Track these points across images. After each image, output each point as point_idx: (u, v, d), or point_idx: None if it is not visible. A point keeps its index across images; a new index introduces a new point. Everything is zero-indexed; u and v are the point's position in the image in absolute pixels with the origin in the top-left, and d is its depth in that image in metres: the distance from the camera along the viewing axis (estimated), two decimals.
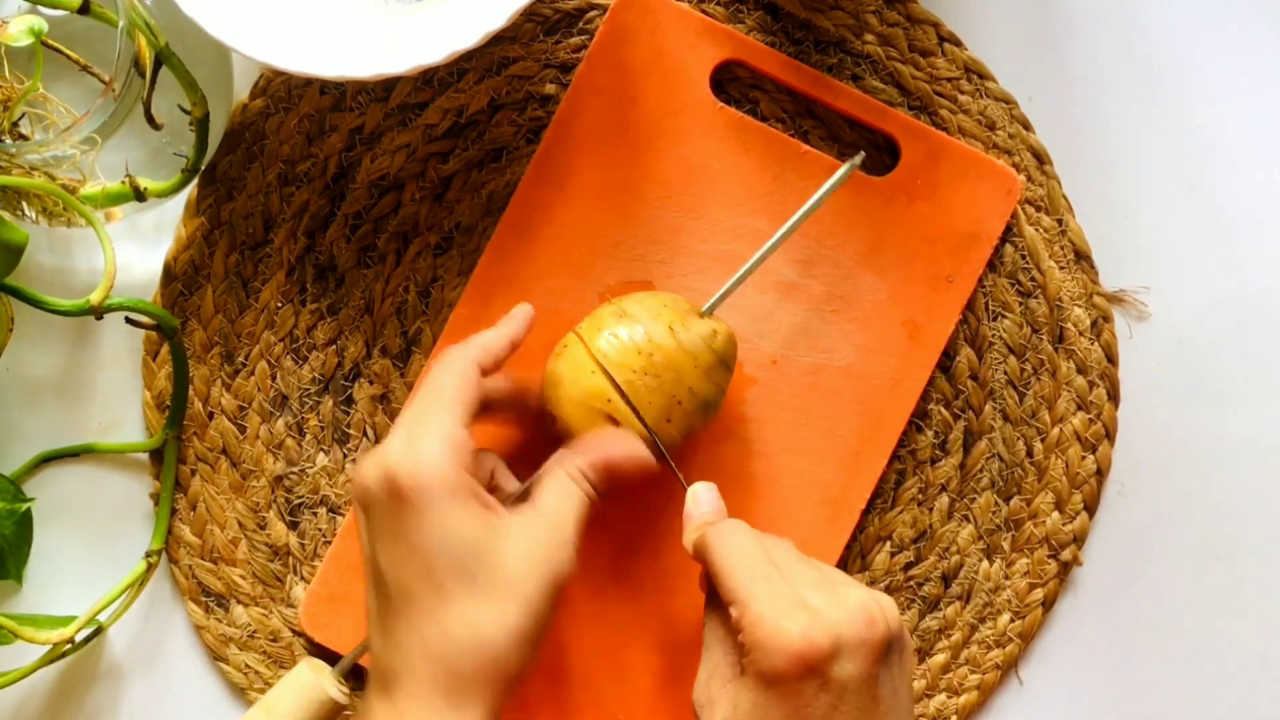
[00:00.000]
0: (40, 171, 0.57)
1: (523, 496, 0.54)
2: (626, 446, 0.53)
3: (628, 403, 0.54)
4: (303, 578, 0.63)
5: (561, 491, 0.52)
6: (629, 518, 0.61)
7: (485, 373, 0.54)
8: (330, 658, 0.62)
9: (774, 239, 0.57)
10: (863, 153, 0.59)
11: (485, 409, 0.56)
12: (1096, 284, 0.63)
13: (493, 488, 0.55)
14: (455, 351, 0.54)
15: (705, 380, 0.55)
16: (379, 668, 0.51)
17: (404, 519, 0.49)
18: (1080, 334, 0.63)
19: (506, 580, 0.49)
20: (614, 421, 0.54)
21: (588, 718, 0.61)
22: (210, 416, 0.63)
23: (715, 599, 0.51)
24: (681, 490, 0.55)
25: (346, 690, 0.57)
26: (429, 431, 0.50)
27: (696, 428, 0.56)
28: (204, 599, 0.63)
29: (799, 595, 0.48)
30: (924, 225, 0.61)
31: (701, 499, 0.54)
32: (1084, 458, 0.63)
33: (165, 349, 0.63)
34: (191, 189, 0.63)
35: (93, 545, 0.63)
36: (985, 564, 0.62)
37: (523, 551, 0.50)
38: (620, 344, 0.55)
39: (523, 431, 0.60)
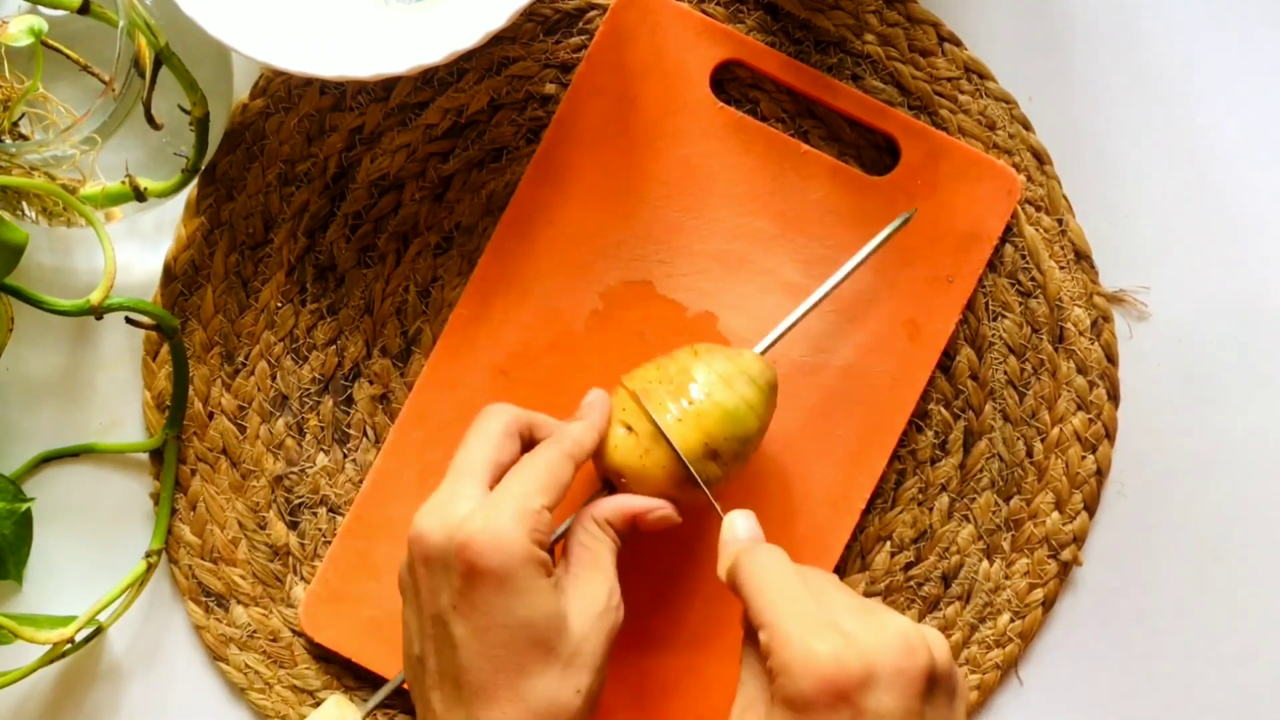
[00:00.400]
0: (40, 171, 0.57)
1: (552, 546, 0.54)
2: (654, 503, 0.54)
3: (669, 443, 0.54)
4: (303, 578, 0.63)
5: (597, 544, 0.53)
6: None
7: (577, 469, 0.54)
8: (331, 657, 0.62)
9: (822, 291, 0.58)
10: (915, 210, 0.59)
11: None
12: (1096, 284, 0.63)
13: None
14: (552, 437, 0.54)
15: (752, 418, 0.55)
16: None
17: (485, 590, 0.49)
18: (1080, 334, 0.63)
19: (576, 647, 0.50)
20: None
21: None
22: (210, 416, 0.63)
23: (752, 633, 0.48)
24: (716, 523, 0.54)
25: None
26: (512, 502, 0.50)
27: (741, 465, 0.56)
28: (204, 599, 0.63)
29: (832, 618, 0.46)
30: (924, 225, 0.61)
31: (739, 527, 0.52)
32: (1084, 458, 0.63)
33: (165, 349, 0.63)
34: (191, 189, 0.63)
35: (93, 545, 0.63)
36: (985, 564, 0.62)
37: (587, 616, 0.51)
38: (669, 391, 0.54)
39: None
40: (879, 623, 0.46)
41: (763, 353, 0.57)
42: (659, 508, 0.54)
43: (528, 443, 0.54)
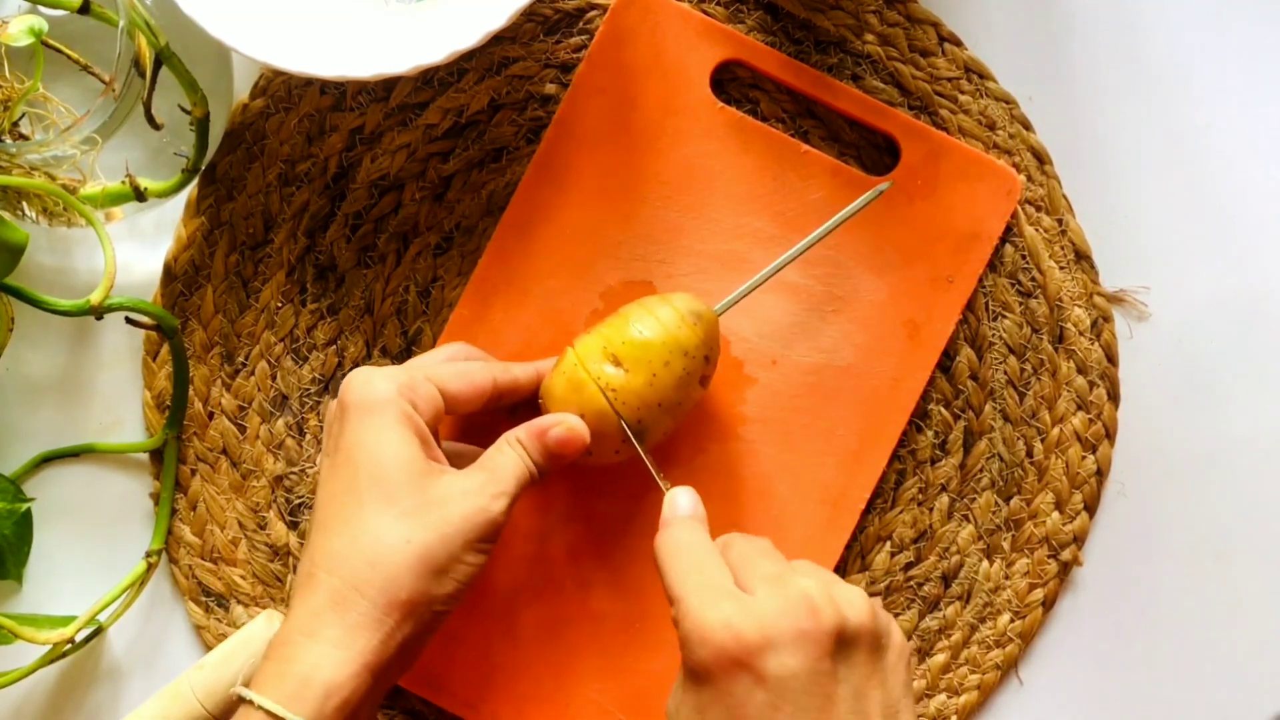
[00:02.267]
0: (40, 171, 0.57)
1: None
2: (561, 418, 0.54)
3: (607, 400, 0.54)
4: None
5: (497, 453, 0.53)
6: (632, 513, 0.61)
7: (498, 386, 0.55)
8: None
9: (786, 256, 0.58)
10: (892, 181, 0.59)
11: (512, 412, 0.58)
12: (1096, 284, 0.63)
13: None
14: (482, 361, 0.56)
15: (705, 389, 0.56)
16: (294, 583, 0.51)
17: (343, 432, 0.52)
18: (1080, 334, 0.63)
19: (425, 506, 0.50)
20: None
21: (587, 717, 0.61)
22: (210, 416, 0.63)
23: None
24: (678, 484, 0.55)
25: None
26: (398, 368, 0.53)
27: (682, 411, 0.56)
28: (204, 599, 0.63)
29: (731, 587, 0.46)
30: (924, 225, 0.61)
31: (679, 503, 0.52)
32: (1084, 458, 0.63)
33: (165, 349, 0.63)
34: (191, 189, 0.63)
35: (93, 545, 0.63)
36: (985, 564, 0.62)
37: (450, 489, 0.51)
38: (616, 367, 0.55)
39: None
40: (785, 586, 0.45)
41: (720, 313, 0.57)
42: (562, 421, 0.53)
43: (508, 389, 0.56)
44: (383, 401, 0.51)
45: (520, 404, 0.57)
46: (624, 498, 0.61)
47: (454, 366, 0.55)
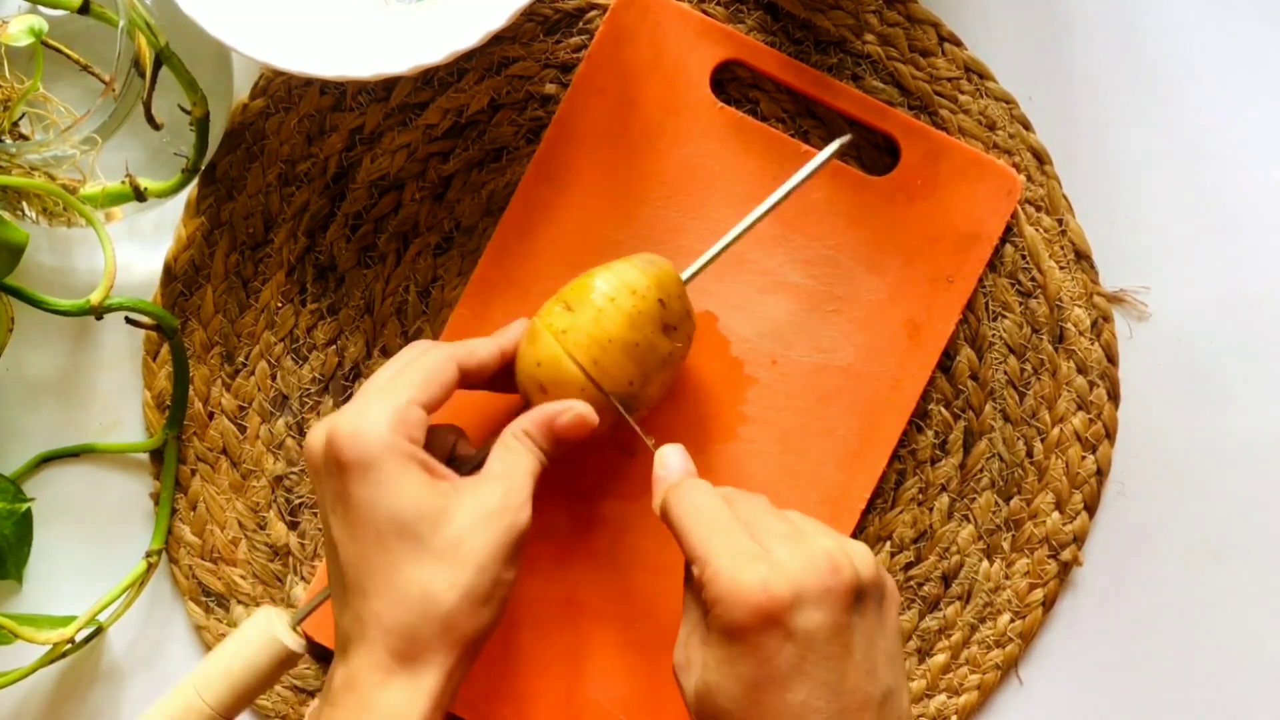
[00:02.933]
0: (40, 171, 0.57)
1: (477, 466, 0.54)
2: (565, 404, 0.53)
3: (599, 388, 0.54)
4: (303, 578, 0.63)
5: (509, 454, 0.53)
6: (632, 513, 0.61)
7: (465, 373, 0.54)
8: (330, 656, 0.62)
9: (754, 214, 0.56)
10: (850, 135, 0.57)
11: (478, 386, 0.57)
12: (1096, 284, 0.63)
13: (454, 458, 0.56)
14: (441, 344, 0.55)
15: (672, 342, 0.55)
16: (339, 636, 0.51)
17: (349, 487, 0.50)
18: (1080, 334, 0.63)
19: (457, 543, 0.50)
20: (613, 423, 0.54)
21: (588, 717, 0.61)
22: (210, 416, 0.63)
23: (689, 569, 0.50)
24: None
25: (303, 639, 0.57)
26: (379, 402, 0.51)
27: (663, 382, 0.56)
28: (204, 599, 0.63)
29: (759, 548, 0.48)
30: (924, 225, 0.61)
31: (670, 462, 0.53)
32: (1084, 458, 0.63)
33: (165, 349, 0.63)
34: (191, 189, 0.63)
35: (93, 545, 0.63)
36: (985, 564, 0.62)
37: (474, 514, 0.50)
38: (566, 311, 0.54)
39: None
40: (806, 544, 0.47)
41: (687, 280, 0.56)
42: (570, 408, 0.53)
43: (475, 369, 0.55)
44: (381, 450, 0.50)
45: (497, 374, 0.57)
46: (623, 499, 0.61)
47: (418, 373, 0.53)
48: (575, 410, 0.53)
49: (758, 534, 0.49)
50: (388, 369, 0.54)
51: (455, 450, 0.56)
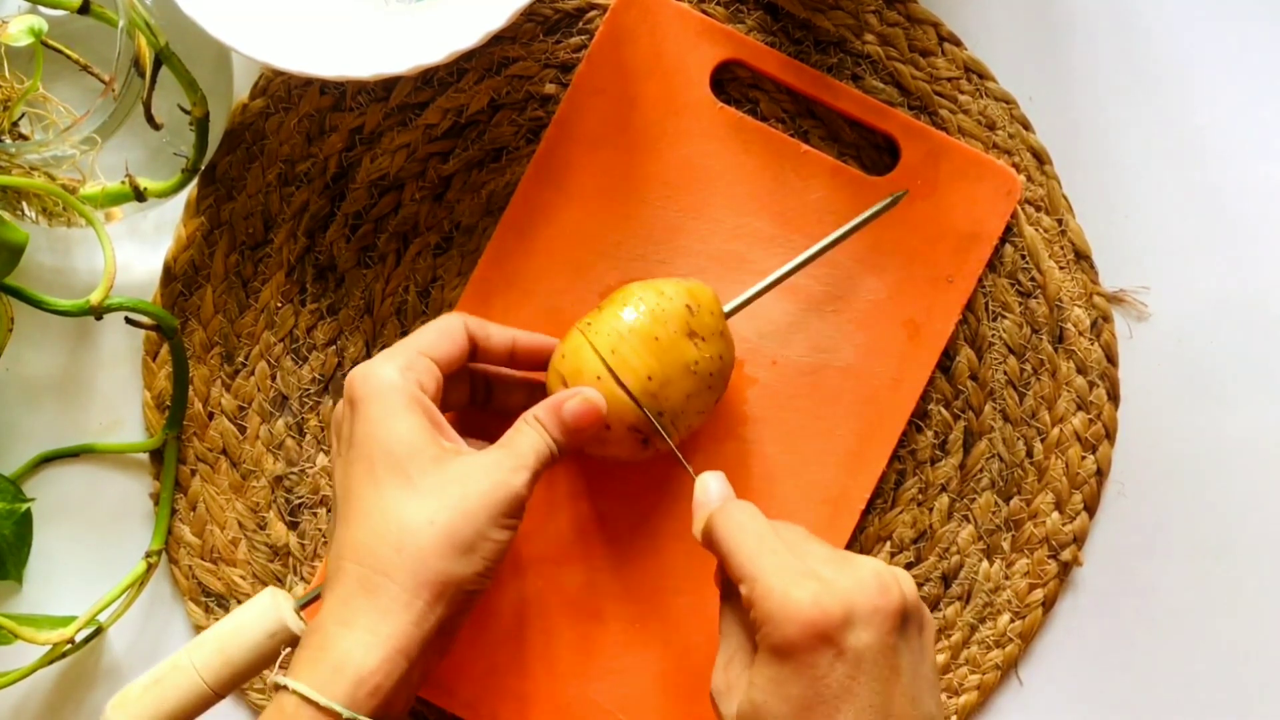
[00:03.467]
0: (40, 171, 0.57)
1: None
2: (575, 390, 0.54)
3: (660, 428, 0.54)
4: (303, 578, 0.63)
5: (515, 433, 0.53)
6: (633, 513, 0.61)
7: (474, 343, 0.55)
8: None
9: (799, 259, 0.58)
10: (906, 191, 0.59)
11: (485, 398, 0.58)
12: (1096, 284, 0.63)
13: None
14: (453, 313, 0.56)
15: (698, 351, 0.55)
16: (325, 576, 0.51)
17: (355, 424, 0.51)
18: (1080, 334, 0.63)
19: (444, 485, 0.50)
20: (641, 439, 0.55)
21: (588, 717, 0.60)
22: (210, 416, 0.63)
23: (730, 588, 0.50)
24: (687, 482, 0.55)
25: (304, 624, 0.57)
26: (392, 351, 0.53)
27: (704, 409, 0.56)
28: (204, 599, 0.63)
29: (809, 567, 0.47)
30: (924, 225, 0.61)
31: (711, 488, 0.53)
32: (1084, 458, 0.63)
33: (165, 349, 0.63)
34: (191, 189, 0.63)
35: (93, 545, 0.63)
36: (985, 564, 0.62)
37: (470, 467, 0.51)
38: (597, 311, 0.56)
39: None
40: (853, 566, 0.48)
41: (730, 315, 0.57)
42: (577, 392, 0.54)
43: (482, 342, 0.56)
44: (389, 387, 0.51)
45: (499, 392, 0.58)
46: (626, 498, 0.61)
47: (430, 330, 0.55)
48: (582, 394, 0.53)
49: (801, 555, 0.49)
50: (416, 334, 0.55)
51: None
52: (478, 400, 0.58)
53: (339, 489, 0.52)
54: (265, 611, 0.55)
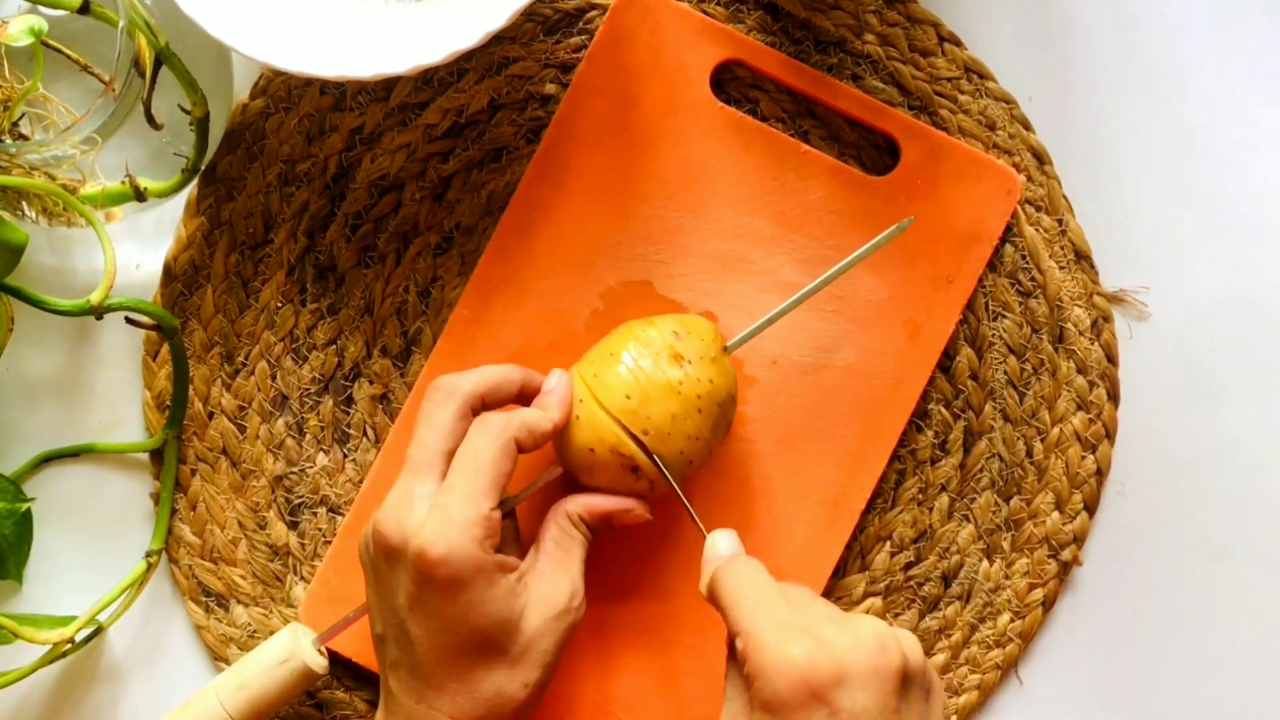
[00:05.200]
0: (40, 171, 0.57)
1: (512, 517, 0.56)
2: (626, 504, 0.55)
3: (645, 450, 0.54)
4: (303, 578, 0.63)
5: (569, 540, 0.54)
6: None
7: (523, 451, 0.54)
8: (331, 657, 0.62)
9: (806, 290, 0.57)
10: (914, 217, 0.58)
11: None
12: (1096, 284, 0.63)
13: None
14: (497, 423, 0.53)
15: (683, 371, 0.55)
16: (393, 701, 0.53)
17: (437, 597, 0.51)
18: (1080, 334, 0.63)
19: (530, 646, 0.52)
20: (630, 466, 0.54)
21: (588, 717, 0.60)
22: (210, 416, 0.63)
23: (734, 646, 0.49)
24: (687, 489, 0.55)
25: (326, 659, 0.58)
26: (461, 510, 0.51)
27: (699, 434, 0.56)
28: (204, 599, 0.63)
29: (808, 624, 0.47)
30: (924, 225, 0.61)
31: (720, 544, 0.53)
32: (1084, 458, 0.63)
33: (165, 349, 0.63)
34: (191, 189, 0.63)
35: (93, 545, 0.63)
36: (985, 564, 0.62)
37: (543, 615, 0.52)
38: (596, 354, 0.56)
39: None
40: (853, 625, 0.47)
41: (731, 349, 0.57)
42: (632, 508, 0.55)
43: (529, 444, 0.54)
44: (473, 572, 0.51)
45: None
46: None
47: (488, 472, 0.52)
48: (635, 512, 0.55)
49: (803, 613, 0.48)
50: (458, 459, 0.53)
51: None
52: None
53: (420, 649, 0.51)
54: (287, 649, 0.56)
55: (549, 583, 0.53)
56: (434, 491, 0.52)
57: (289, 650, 0.57)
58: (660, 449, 0.54)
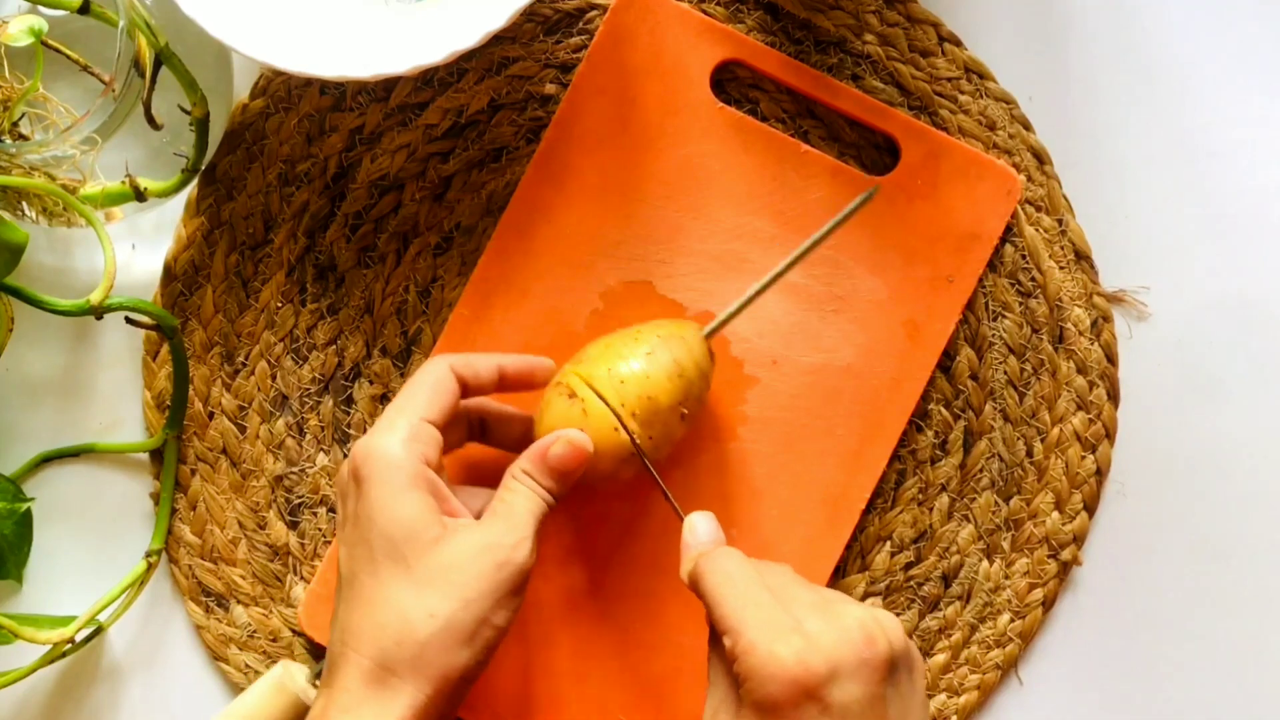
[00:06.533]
0: (40, 171, 0.57)
1: None
2: (557, 434, 0.53)
3: (622, 423, 0.54)
4: (303, 578, 0.63)
5: (508, 493, 0.52)
6: (630, 513, 0.61)
7: (464, 383, 0.54)
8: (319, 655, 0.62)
9: (775, 271, 0.57)
10: (879, 186, 0.58)
11: (480, 432, 0.57)
12: (1096, 284, 0.63)
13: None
14: (437, 357, 0.55)
15: (693, 397, 0.55)
16: (328, 658, 0.51)
17: (358, 502, 0.51)
18: (1080, 334, 0.63)
19: (444, 573, 0.49)
20: (568, 393, 0.54)
21: (587, 717, 0.60)
22: (210, 416, 0.63)
23: (716, 635, 0.49)
24: (679, 484, 0.55)
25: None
26: (393, 421, 0.52)
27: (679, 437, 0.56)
28: (204, 599, 0.63)
29: (793, 620, 0.47)
30: (924, 225, 0.61)
31: (699, 529, 0.53)
32: (1084, 458, 0.63)
33: (165, 349, 0.63)
34: (191, 189, 0.63)
35: (93, 545, 0.63)
36: (985, 564, 0.62)
37: (467, 546, 0.50)
38: (609, 374, 0.55)
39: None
40: (838, 616, 0.47)
41: (710, 335, 0.57)
42: (559, 436, 0.53)
43: (471, 380, 0.55)
44: (392, 465, 0.50)
45: (495, 426, 0.58)
46: (622, 501, 0.61)
47: (423, 389, 0.53)
48: (564, 438, 0.53)
49: (786, 603, 0.48)
50: (400, 391, 0.54)
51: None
52: (474, 436, 0.58)
53: (342, 568, 0.51)
54: (279, 686, 0.56)
55: (482, 524, 0.51)
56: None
57: (281, 687, 0.57)
58: (591, 375, 0.54)
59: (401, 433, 0.51)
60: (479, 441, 0.58)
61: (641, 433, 0.53)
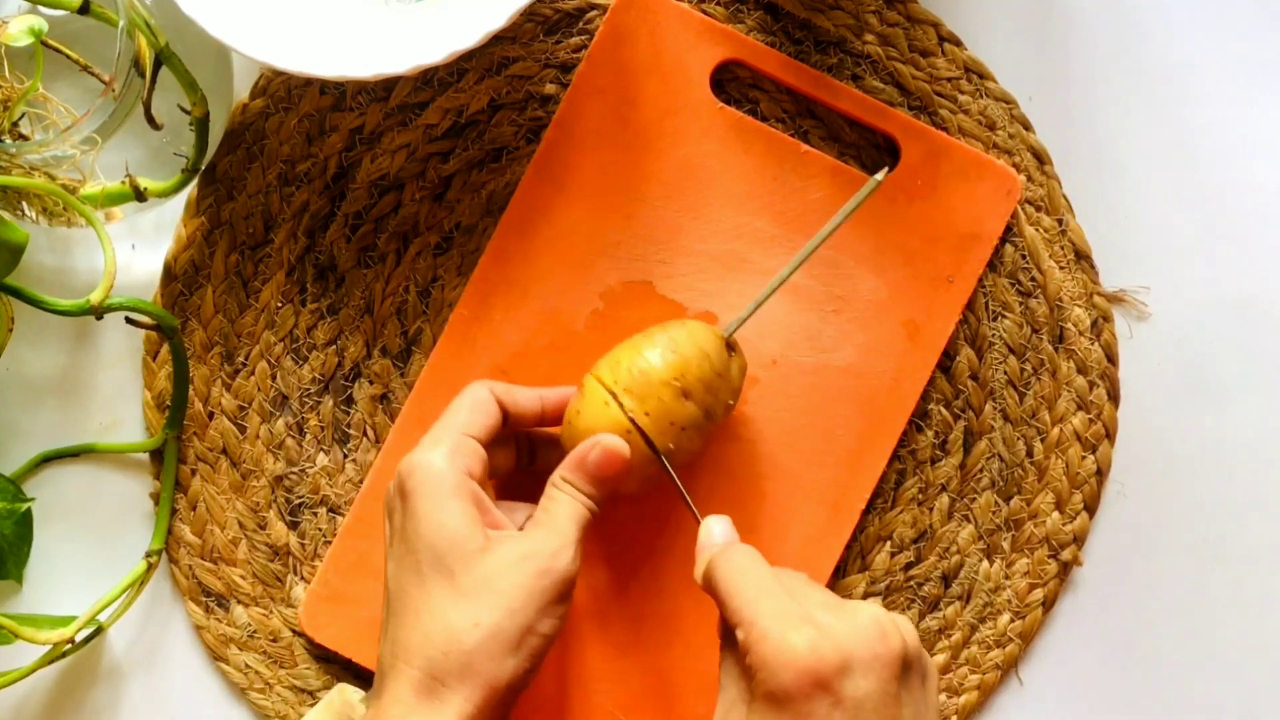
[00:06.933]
0: (40, 171, 0.57)
1: None
2: (593, 440, 0.53)
3: (640, 431, 0.54)
4: (303, 578, 0.63)
5: (550, 502, 0.53)
6: (635, 514, 0.61)
7: (504, 410, 0.55)
8: (331, 657, 0.62)
9: (796, 261, 0.57)
10: (887, 168, 0.58)
11: (530, 458, 0.58)
12: (1096, 284, 0.63)
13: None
14: (477, 381, 0.56)
15: (716, 401, 0.55)
16: (378, 669, 0.52)
17: (404, 516, 0.52)
18: (1080, 334, 0.63)
19: (488, 582, 0.50)
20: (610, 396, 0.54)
21: (587, 717, 0.60)
22: (210, 416, 0.63)
23: (729, 636, 0.49)
24: (687, 485, 0.54)
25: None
26: (437, 436, 0.53)
27: (706, 442, 0.56)
28: (204, 599, 0.63)
29: (807, 612, 0.47)
30: (924, 225, 0.61)
31: (715, 532, 0.53)
32: (1084, 458, 0.63)
33: (165, 349, 0.63)
34: (191, 189, 0.63)
35: (93, 545, 0.63)
36: (985, 564, 0.62)
37: (512, 556, 0.50)
38: (631, 375, 0.54)
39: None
40: (852, 612, 0.47)
41: (731, 333, 0.57)
42: (595, 442, 0.53)
43: (511, 408, 0.56)
44: (436, 477, 0.51)
45: (541, 451, 0.58)
46: (629, 503, 0.61)
47: (464, 408, 0.54)
48: (600, 444, 0.53)
49: (798, 599, 0.48)
50: (458, 407, 0.55)
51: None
52: (522, 464, 0.58)
53: (390, 583, 0.52)
54: (335, 710, 0.56)
55: (526, 535, 0.52)
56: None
57: (339, 710, 0.57)
58: (612, 381, 0.54)
59: (445, 446, 0.52)
60: (527, 467, 0.58)
61: (662, 440, 0.54)
